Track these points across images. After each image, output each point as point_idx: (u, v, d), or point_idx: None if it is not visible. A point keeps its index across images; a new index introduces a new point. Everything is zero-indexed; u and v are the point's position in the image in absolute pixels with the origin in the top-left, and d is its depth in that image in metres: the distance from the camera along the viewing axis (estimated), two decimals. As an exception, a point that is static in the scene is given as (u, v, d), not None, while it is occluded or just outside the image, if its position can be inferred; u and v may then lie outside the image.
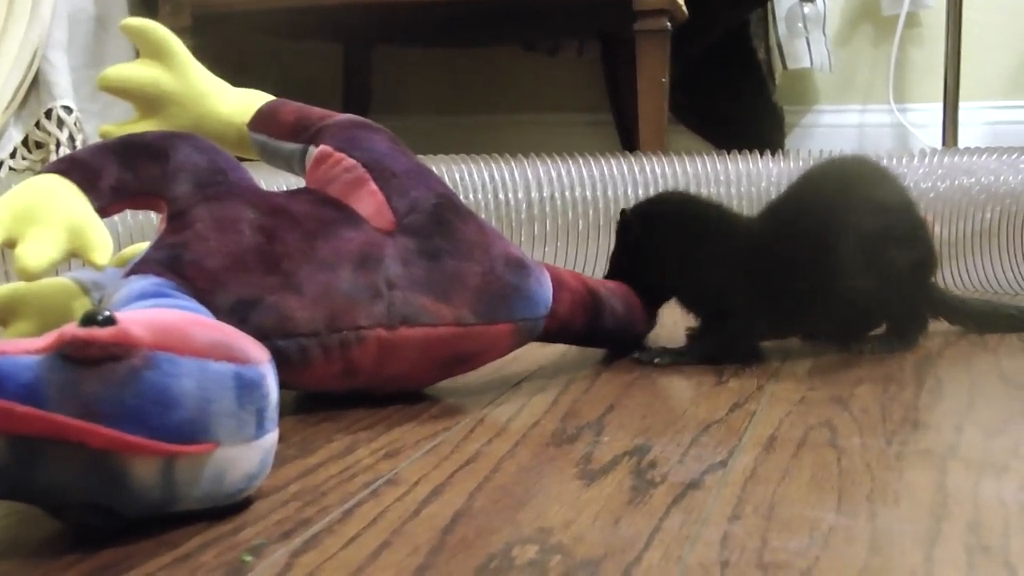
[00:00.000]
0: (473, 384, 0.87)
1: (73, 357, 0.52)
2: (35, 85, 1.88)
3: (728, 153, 1.39)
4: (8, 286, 0.83)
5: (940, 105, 2.16)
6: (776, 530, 0.55)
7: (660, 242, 0.99)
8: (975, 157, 1.28)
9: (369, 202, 0.82)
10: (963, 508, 0.58)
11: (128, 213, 1.10)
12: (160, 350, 0.54)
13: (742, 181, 1.33)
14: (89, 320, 0.53)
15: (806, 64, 2.31)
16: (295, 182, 1.01)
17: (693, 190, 1.30)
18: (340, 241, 0.79)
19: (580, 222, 1.26)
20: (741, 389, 0.85)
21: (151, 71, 0.91)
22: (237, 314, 0.73)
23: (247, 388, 0.58)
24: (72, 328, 0.52)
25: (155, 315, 0.60)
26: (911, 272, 0.97)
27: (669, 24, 1.81)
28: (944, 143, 2.16)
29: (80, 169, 0.77)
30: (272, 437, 0.60)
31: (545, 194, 1.25)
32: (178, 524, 0.57)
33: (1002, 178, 1.23)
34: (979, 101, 2.28)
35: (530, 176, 1.25)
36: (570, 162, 1.28)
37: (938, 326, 1.05)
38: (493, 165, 1.25)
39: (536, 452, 0.69)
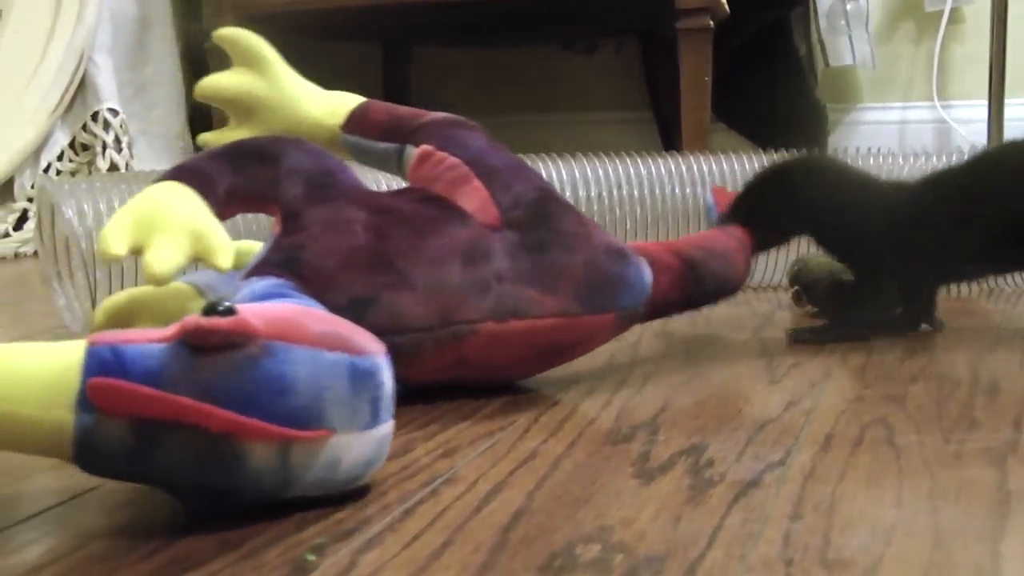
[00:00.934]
0: (523, 385, 0.87)
1: (194, 345, 0.55)
2: (81, 88, 1.90)
3: (774, 151, 1.38)
4: (126, 291, 0.85)
5: (984, 102, 2.15)
6: (838, 528, 0.55)
7: (829, 189, 1.04)
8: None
9: (474, 198, 0.84)
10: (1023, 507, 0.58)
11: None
12: (276, 339, 0.57)
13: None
14: (211, 310, 0.56)
15: (848, 61, 2.31)
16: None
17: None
18: (449, 237, 0.81)
19: (627, 220, 1.26)
20: (795, 388, 0.85)
21: (244, 78, 0.94)
22: (353, 312, 0.73)
23: (361, 378, 0.60)
24: (195, 318, 0.56)
25: (272, 307, 0.62)
26: None
27: (711, 22, 1.81)
28: (989, 140, 2.15)
29: (196, 175, 0.79)
30: (387, 427, 0.62)
31: (593, 193, 1.25)
32: (240, 522, 0.57)
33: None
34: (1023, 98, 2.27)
35: (577, 175, 1.25)
36: (617, 161, 1.28)
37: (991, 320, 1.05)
38: (540, 164, 1.25)
39: (592, 451, 0.69)
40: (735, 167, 1.34)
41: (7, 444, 0.55)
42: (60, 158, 1.95)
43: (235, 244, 0.80)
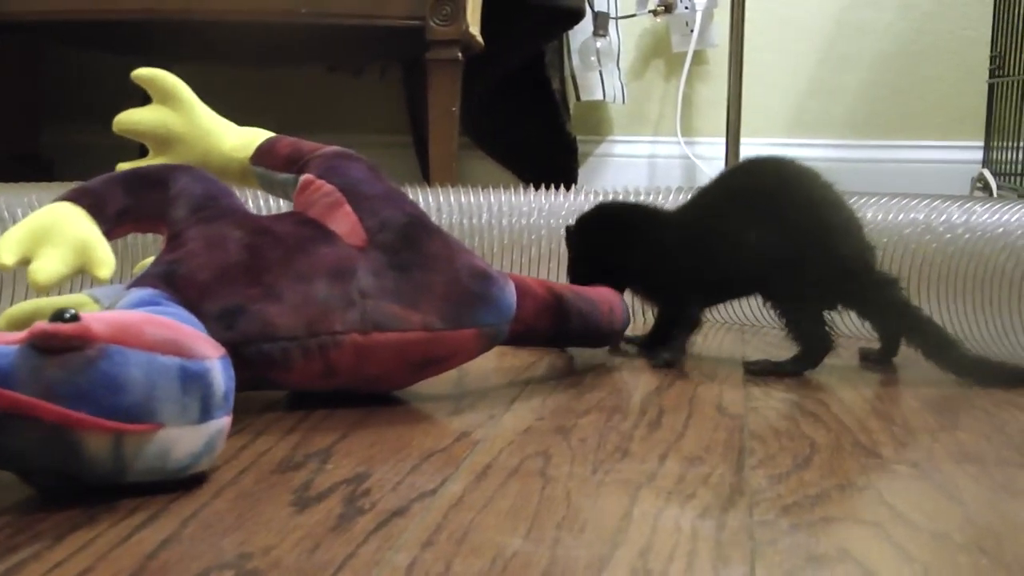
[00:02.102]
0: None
1: (40, 347, 0.63)
2: None
3: (523, 185, 1.45)
4: (31, 301, 0.93)
5: (723, 140, 2.26)
6: (463, 555, 0.59)
7: (603, 246, 1.18)
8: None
9: (344, 222, 0.93)
10: (641, 533, 0.63)
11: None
12: (114, 343, 0.65)
13: (531, 213, 1.39)
14: (57, 317, 0.64)
15: (599, 96, 2.39)
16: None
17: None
18: (316, 256, 0.89)
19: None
20: (473, 419, 0.89)
21: (160, 114, 1.03)
22: (224, 321, 0.84)
23: (191, 379, 0.68)
24: (42, 323, 0.64)
25: (118, 315, 0.70)
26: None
27: (461, 55, 1.86)
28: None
29: (89, 197, 0.89)
30: (219, 423, 0.71)
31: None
32: None
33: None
34: (760, 138, 2.39)
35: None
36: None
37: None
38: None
39: (260, 479, 0.72)
40: (474, 200, 1.39)
41: None
42: None
43: (144, 262, 0.95)
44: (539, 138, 2.33)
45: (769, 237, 1.09)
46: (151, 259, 0.98)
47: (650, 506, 0.68)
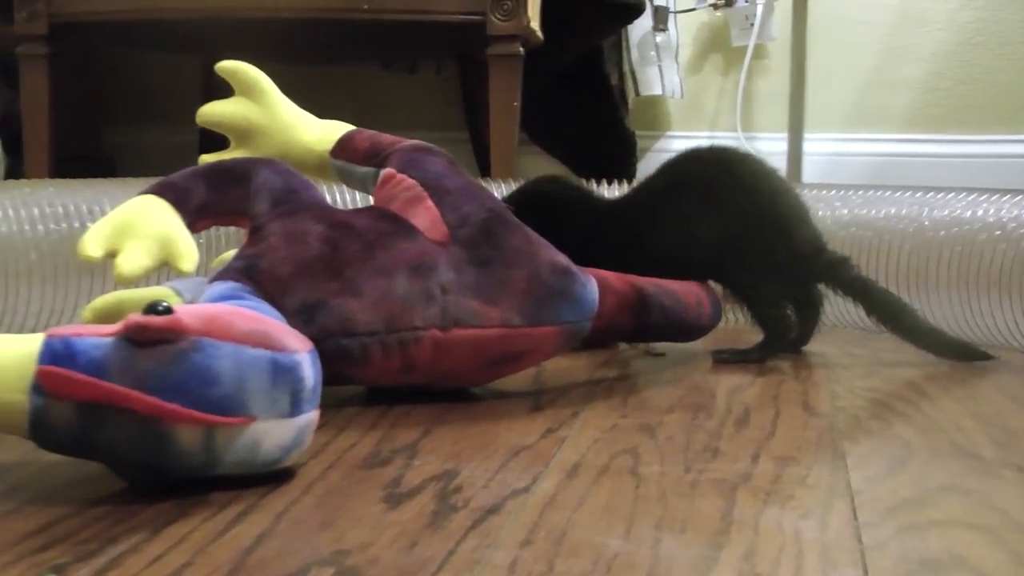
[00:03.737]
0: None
1: (133, 339, 0.63)
2: None
3: (586, 175, 1.43)
4: (114, 293, 0.93)
5: (784, 135, 2.23)
6: (563, 555, 0.58)
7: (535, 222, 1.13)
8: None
9: (425, 217, 0.92)
10: (743, 535, 0.61)
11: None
12: (206, 336, 0.65)
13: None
14: (150, 310, 0.64)
15: (657, 91, 2.37)
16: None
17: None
18: (397, 251, 0.89)
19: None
20: (556, 416, 0.88)
21: (242, 107, 1.04)
22: (303, 315, 0.84)
23: (281, 372, 0.67)
24: (135, 316, 0.64)
25: (207, 308, 0.70)
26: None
27: (522, 49, 1.85)
28: (788, 172, 2.23)
29: (173, 190, 0.89)
30: (308, 416, 0.70)
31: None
32: (-18, 545, 0.58)
33: (819, 214, 1.29)
34: (822, 132, 2.37)
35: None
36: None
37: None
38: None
39: (347, 475, 0.71)
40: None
41: None
42: None
43: (223, 255, 0.96)
44: (597, 133, 2.31)
45: (720, 225, 1.11)
46: (229, 253, 0.97)
47: (749, 507, 0.66)
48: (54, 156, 1.90)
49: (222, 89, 1.06)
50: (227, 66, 1.03)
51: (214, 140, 1.05)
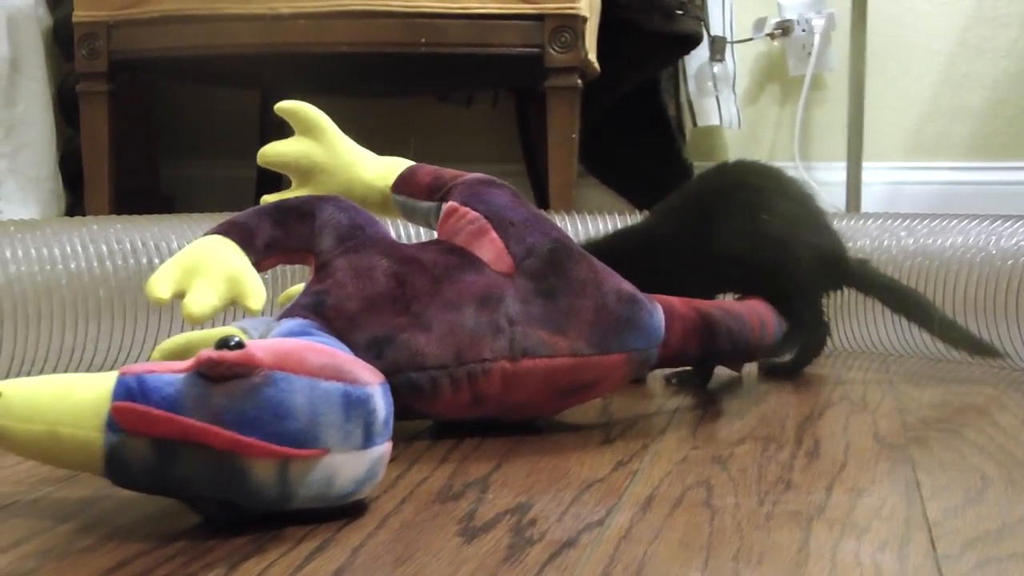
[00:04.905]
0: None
1: (206, 374, 0.64)
2: (-52, 128, 1.88)
3: (637, 212, 1.43)
4: (184, 335, 0.93)
5: (843, 164, 2.22)
6: (642, 589, 0.58)
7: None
8: (858, 222, 1.34)
9: (490, 249, 0.92)
10: (821, 567, 0.61)
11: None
12: (278, 370, 0.65)
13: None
14: (222, 345, 0.64)
15: (715, 121, 2.37)
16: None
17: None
18: (464, 284, 0.89)
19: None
20: (626, 448, 0.88)
21: (303, 146, 1.03)
22: (373, 350, 0.85)
23: (354, 404, 0.67)
24: (208, 351, 0.64)
25: (279, 342, 0.70)
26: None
27: (580, 81, 1.85)
28: (847, 202, 2.22)
29: (239, 230, 0.89)
30: (381, 449, 0.70)
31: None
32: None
33: (884, 244, 1.29)
34: (880, 161, 2.35)
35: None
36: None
37: (822, 382, 1.10)
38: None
39: (421, 509, 0.71)
40: (598, 228, 1.38)
41: (49, 458, 0.66)
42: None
43: (289, 290, 0.98)
44: (654, 164, 2.31)
45: (761, 232, 1.13)
46: (295, 288, 0.98)
47: (825, 539, 0.66)
48: (114, 192, 1.92)
49: (280, 124, 1.07)
50: (287, 106, 1.04)
51: (272, 175, 1.05)
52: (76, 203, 2.10)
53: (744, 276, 1.14)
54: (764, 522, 0.69)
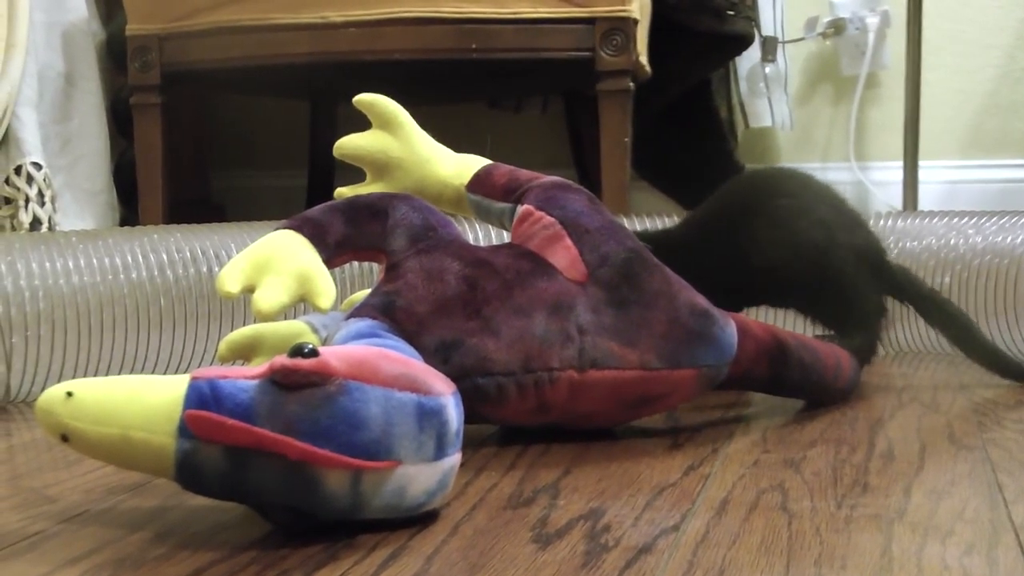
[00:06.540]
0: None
1: (280, 382, 0.63)
2: (4, 141, 1.89)
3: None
4: (251, 327, 0.93)
5: (899, 164, 2.19)
6: (725, 595, 0.56)
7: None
8: (923, 220, 1.32)
9: (564, 256, 0.91)
10: (907, 571, 0.59)
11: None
12: (352, 379, 0.64)
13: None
14: (296, 352, 0.64)
15: (767, 123, 2.35)
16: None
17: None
18: (535, 290, 0.88)
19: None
20: (696, 452, 0.86)
21: (380, 140, 1.01)
22: (441, 354, 0.84)
23: (427, 415, 0.67)
24: (282, 358, 0.63)
25: (353, 350, 0.69)
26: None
27: (631, 84, 1.84)
28: (904, 201, 2.19)
29: (310, 225, 0.88)
30: (452, 460, 0.69)
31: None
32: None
33: (951, 242, 1.27)
34: (937, 160, 2.32)
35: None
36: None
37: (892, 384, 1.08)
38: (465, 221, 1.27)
39: (493, 515, 0.70)
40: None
41: (121, 461, 0.65)
42: (-18, 211, 1.94)
43: (352, 296, 0.97)
44: (705, 167, 2.29)
45: (802, 239, 1.10)
46: (359, 295, 0.97)
47: (908, 543, 0.64)
48: (167, 202, 1.92)
49: (327, 134, 1.05)
50: (365, 99, 1.02)
51: (324, 184, 1.04)
52: (129, 215, 2.11)
53: (781, 287, 1.12)
54: (843, 526, 0.67)
